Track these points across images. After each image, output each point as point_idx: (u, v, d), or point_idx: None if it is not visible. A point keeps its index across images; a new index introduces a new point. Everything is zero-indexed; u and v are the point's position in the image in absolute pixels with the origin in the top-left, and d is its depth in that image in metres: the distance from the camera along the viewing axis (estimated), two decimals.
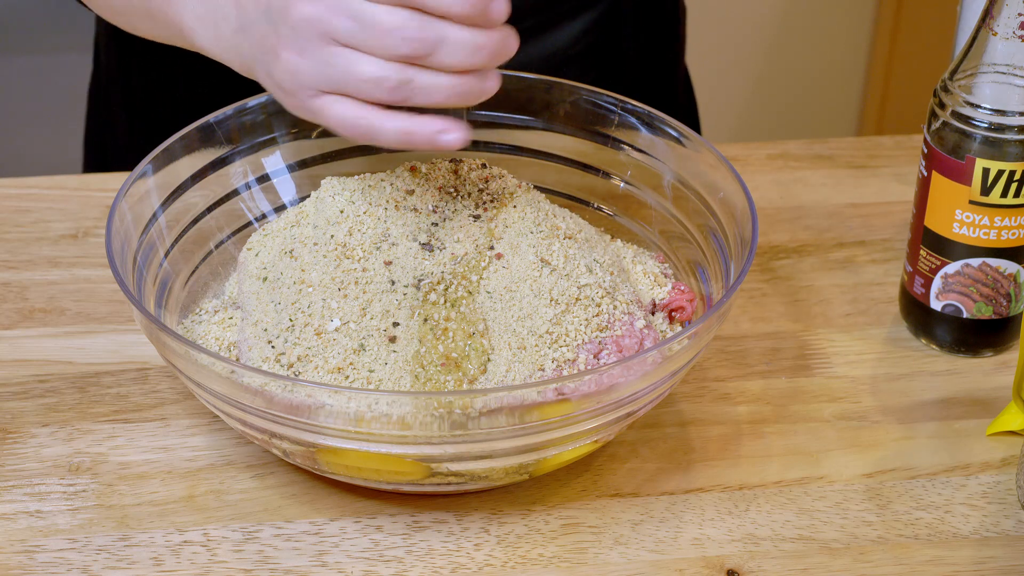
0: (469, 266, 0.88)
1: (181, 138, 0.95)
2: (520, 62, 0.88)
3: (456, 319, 0.86)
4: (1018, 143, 0.91)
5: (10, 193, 1.12)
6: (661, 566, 0.84)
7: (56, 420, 0.93)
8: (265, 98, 0.98)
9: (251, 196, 0.99)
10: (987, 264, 0.95)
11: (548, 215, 0.92)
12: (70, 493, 0.88)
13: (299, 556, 0.84)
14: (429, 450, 0.81)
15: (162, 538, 0.85)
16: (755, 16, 2.39)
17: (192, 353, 0.81)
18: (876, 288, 1.05)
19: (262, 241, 0.94)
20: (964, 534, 0.87)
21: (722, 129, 2.43)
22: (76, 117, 1.40)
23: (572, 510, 0.87)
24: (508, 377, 0.84)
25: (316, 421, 0.80)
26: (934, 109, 0.94)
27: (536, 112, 1.01)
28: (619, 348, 0.86)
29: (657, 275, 0.95)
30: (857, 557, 0.85)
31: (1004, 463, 0.91)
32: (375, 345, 0.84)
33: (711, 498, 0.88)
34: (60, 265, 1.05)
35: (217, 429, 0.92)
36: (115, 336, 0.99)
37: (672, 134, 0.97)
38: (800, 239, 1.09)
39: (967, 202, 0.93)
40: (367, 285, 0.87)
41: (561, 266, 0.88)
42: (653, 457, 0.91)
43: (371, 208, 0.91)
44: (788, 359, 0.98)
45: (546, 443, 0.82)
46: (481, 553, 0.85)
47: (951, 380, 0.97)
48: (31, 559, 0.84)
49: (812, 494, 0.89)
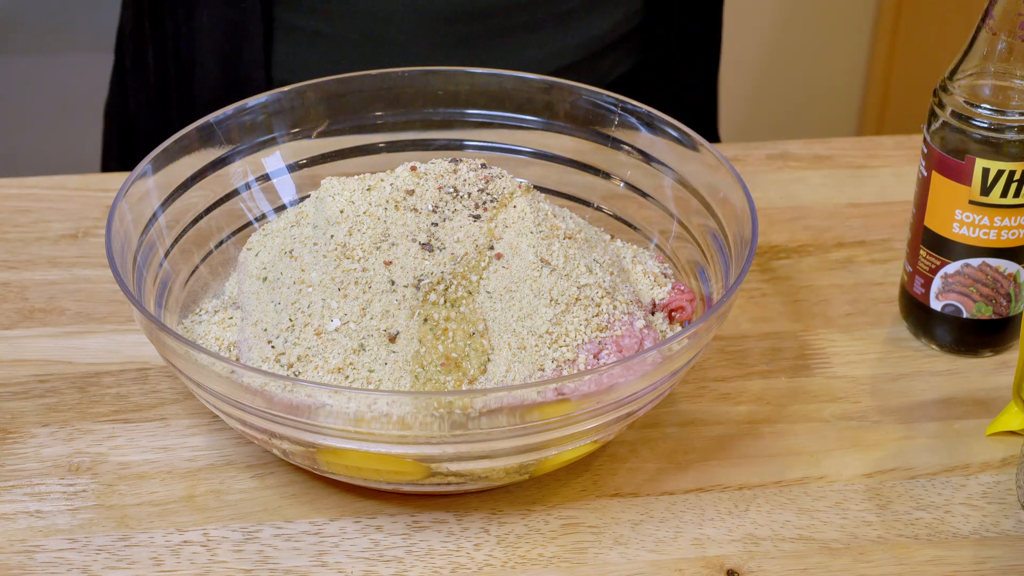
0: (469, 266, 0.88)
1: (181, 138, 0.95)
2: (561, 47, 0.87)
3: (456, 319, 0.86)
4: (1018, 143, 0.91)
5: (10, 193, 1.12)
6: (661, 566, 0.84)
7: (56, 420, 0.93)
8: (265, 98, 0.98)
9: (251, 196, 0.99)
10: (987, 264, 0.95)
11: (548, 215, 0.92)
12: (70, 493, 0.88)
13: (299, 556, 0.84)
14: (429, 450, 0.81)
15: (162, 538, 0.85)
16: (755, 16, 2.39)
17: (192, 353, 0.81)
18: (876, 288, 1.05)
19: (262, 241, 0.94)
20: (964, 534, 0.87)
21: (722, 129, 2.43)
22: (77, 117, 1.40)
23: (572, 510, 0.87)
24: (508, 377, 0.84)
25: (316, 421, 0.80)
26: (934, 109, 0.94)
27: (536, 112, 1.01)
28: (619, 348, 0.86)
29: (657, 275, 0.95)
30: (857, 557, 0.85)
31: (1004, 463, 0.91)
32: (375, 345, 0.84)
33: (711, 498, 0.88)
34: (60, 265, 1.05)
35: (217, 429, 0.92)
36: (115, 336, 0.99)
37: (672, 134, 0.97)
38: (800, 239, 1.09)
39: (967, 202, 0.93)
40: (367, 285, 0.87)
41: (561, 266, 0.88)
42: (653, 457, 0.91)
43: (371, 208, 0.91)
44: (788, 359, 0.98)
45: (546, 443, 0.82)
46: (481, 553, 0.85)
47: (951, 380, 0.97)
48: (31, 559, 0.84)
49: (812, 494, 0.89)
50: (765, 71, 2.43)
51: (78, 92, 1.43)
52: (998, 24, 0.90)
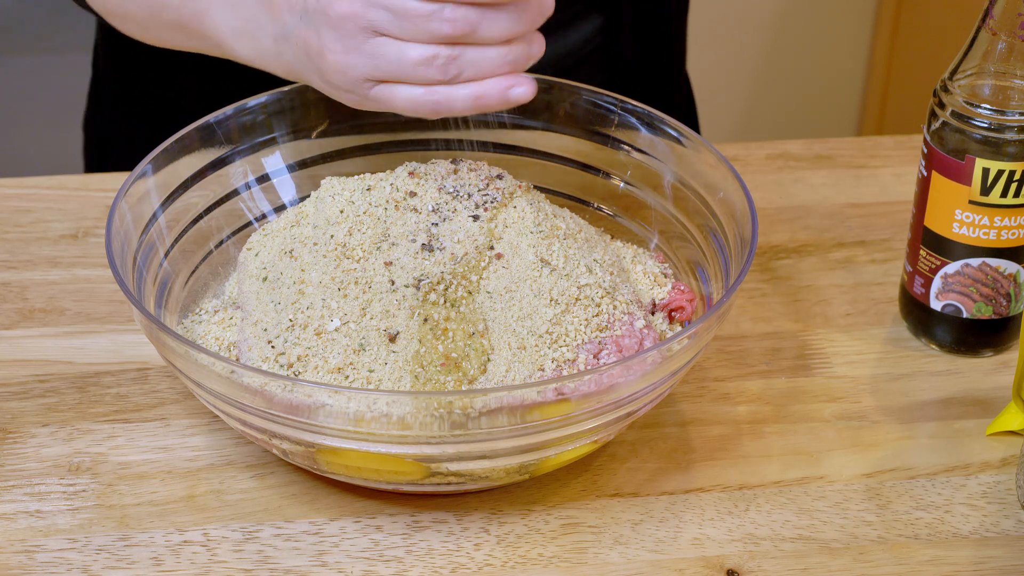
0: (469, 266, 0.88)
1: (181, 138, 0.95)
2: (533, 64, 0.88)
3: (456, 319, 0.86)
4: (1018, 143, 0.91)
5: (10, 193, 1.12)
6: (661, 566, 0.84)
7: (56, 420, 0.93)
8: (265, 98, 0.98)
9: (251, 196, 0.99)
10: (987, 264, 0.95)
11: (548, 215, 0.92)
12: (70, 493, 0.88)
13: (299, 556, 0.84)
14: (429, 450, 0.81)
15: (162, 538, 0.85)
16: (755, 16, 2.39)
17: (192, 353, 0.81)
18: (876, 288, 1.05)
19: (262, 241, 0.94)
20: (964, 534, 0.87)
21: (722, 129, 2.43)
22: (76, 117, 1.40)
23: (572, 510, 0.87)
24: (508, 377, 0.84)
25: (316, 421, 0.80)
26: (934, 109, 0.94)
27: (536, 112, 1.01)
28: (619, 348, 0.86)
29: (657, 275, 0.95)
30: (857, 557, 0.85)
31: (1004, 463, 0.91)
32: (375, 345, 0.84)
33: (711, 498, 0.88)
34: (60, 265, 1.05)
35: (217, 429, 0.92)
36: (115, 336, 0.99)
37: (672, 134, 0.97)
38: (800, 239, 1.09)
39: (967, 202, 0.93)
40: (367, 285, 0.87)
41: (561, 266, 0.88)
42: (653, 457, 0.91)
43: (371, 208, 0.91)
44: (788, 359, 0.98)
45: (546, 443, 0.82)
46: (481, 553, 0.85)
47: (951, 380, 0.97)
48: (31, 559, 0.84)
49: (812, 494, 0.89)
50: (765, 71, 2.43)
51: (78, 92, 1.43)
52: (998, 24, 0.90)
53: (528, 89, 0.85)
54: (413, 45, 0.83)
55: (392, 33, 0.83)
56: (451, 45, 0.83)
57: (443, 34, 0.82)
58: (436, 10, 0.82)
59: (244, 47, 0.91)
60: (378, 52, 0.84)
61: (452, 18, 0.82)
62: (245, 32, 0.90)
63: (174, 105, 1.19)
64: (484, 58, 0.83)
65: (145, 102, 1.22)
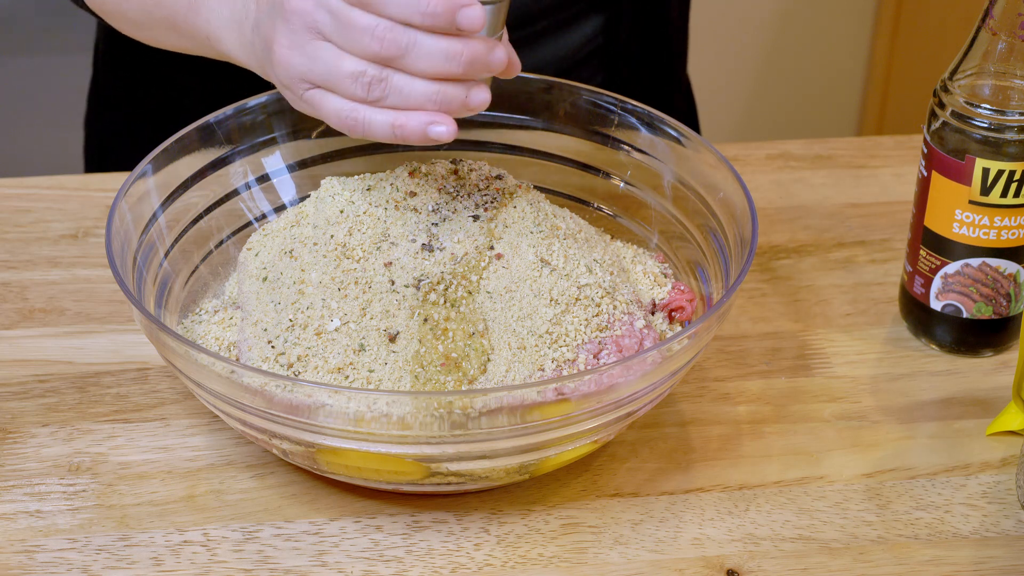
0: (469, 266, 0.88)
1: (181, 138, 0.95)
2: (533, 65, 0.88)
3: (456, 319, 0.86)
4: (1018, 143, 0.91)
5: (10, 193, 1.12)
6: (661, 566, 0.84)
7: (56, 420, 0.93)
8: (265, 98, 0.98)
9: (251, 196, 0.99)
10: (987, 264, 0.95)
11: (548, 215, 0.92)
12: (70, 493, 0.88)
13: (299, 556, 0.84)
14: (429, 450, 0.81)
15: (162, 538, 0.85)
16: (755, 16, 2.39)
17: (192, 353, 0.81)
18: (876, 288, 1.05)
19: (262, 241, 0.94)
20: (964, 534, 0.87)
21: (722, 129, 2.43)
22: (76, 117, 1.40)
23: (572, 510, 0.87)
24: (508, 377, 0.84)
25: (316, 421, 0.80)
26: (934, 109, 0.94)
27: (536, 112, 1.01)
28: (619, 348, 0.86)
29: (657, 275, 0.95)
30: (857, 557, 0.85)
31: (1004, 463, 0.91)
32: (375, 345, 0.84)
33: (711, 498, 0.88)
34: (60, 265, 1.05)
35: (217, 429, 0.92)
36: (115, 336, 0.99)
37: (672, 134, 0.97)
38: (800, 239, 1.09)
39: (967, 202, 0.93)
40: (367, 285, 0.87)
41: (561, 266, 0.88)
42: (653, 457, 0.91)
43: (371, 208, 0.91)
44: (788, 359, 0.98)
45: (546, 443, 0.82)
46: (481, 553, 0.85)
47: (951, 380, 0.97)
48: (31, 559, 0.84)
49: (812, 494, 0.89)
50: (765, 71, 2.44)
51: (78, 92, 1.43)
52: (998, 24, 0.90)
53: (448, 130, 0.83)
54: (348, 56, 0.83)
55: (333, 39, 0.83)
56: (381, 66, 0.83)
57: (372, 51, 0.82)
58: (372, 26, 0.81)
59: (231, 38, 0.91)
60: (317, 55, 0.84)
61: (382, 36, 0.81)
62: (234, 22, 0.90)
63: (174, 105, 1.19)
64: (410, 88, 0.83)
65: (145, 102, 1.22)
